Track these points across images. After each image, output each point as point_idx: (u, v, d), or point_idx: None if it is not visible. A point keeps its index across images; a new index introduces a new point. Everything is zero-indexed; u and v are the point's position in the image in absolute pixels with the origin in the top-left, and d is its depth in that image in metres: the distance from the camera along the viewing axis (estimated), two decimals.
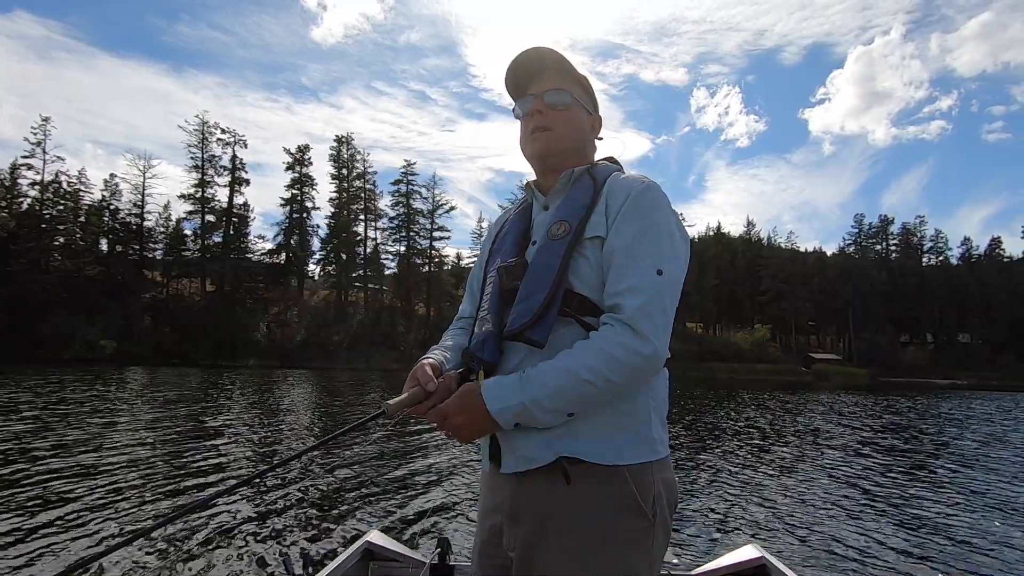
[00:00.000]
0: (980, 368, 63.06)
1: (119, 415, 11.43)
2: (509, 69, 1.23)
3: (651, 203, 1.09)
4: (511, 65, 1.23)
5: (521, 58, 1.21)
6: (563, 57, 1.21)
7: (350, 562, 2.27)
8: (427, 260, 62.96)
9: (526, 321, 1.04)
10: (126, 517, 4.76)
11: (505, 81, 1.25)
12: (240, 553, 4.04)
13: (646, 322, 0.99)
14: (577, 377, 0.97)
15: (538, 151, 1.21)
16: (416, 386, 1.07)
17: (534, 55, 1.21)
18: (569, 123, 1.20)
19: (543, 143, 1.20)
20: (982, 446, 10.94)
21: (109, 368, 32.28)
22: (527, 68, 1.22)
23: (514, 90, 1.26)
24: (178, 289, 55.68)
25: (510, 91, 1.27)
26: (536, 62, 1.22)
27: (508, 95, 1.28)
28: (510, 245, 1.22)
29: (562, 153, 1.21)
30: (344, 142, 61.98)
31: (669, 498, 1.08)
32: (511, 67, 1.23)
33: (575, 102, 1.21)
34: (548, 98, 1.19)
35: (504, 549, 1.11)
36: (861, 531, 5.06)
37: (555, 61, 1.21)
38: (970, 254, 77.46)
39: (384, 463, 7.37)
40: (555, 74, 1.21)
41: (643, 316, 0.99)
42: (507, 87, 1.27)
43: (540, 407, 0.98)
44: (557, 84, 1.20)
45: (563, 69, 1.21)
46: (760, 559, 2.32)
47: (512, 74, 1.24)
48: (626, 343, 0.98)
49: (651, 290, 1.01)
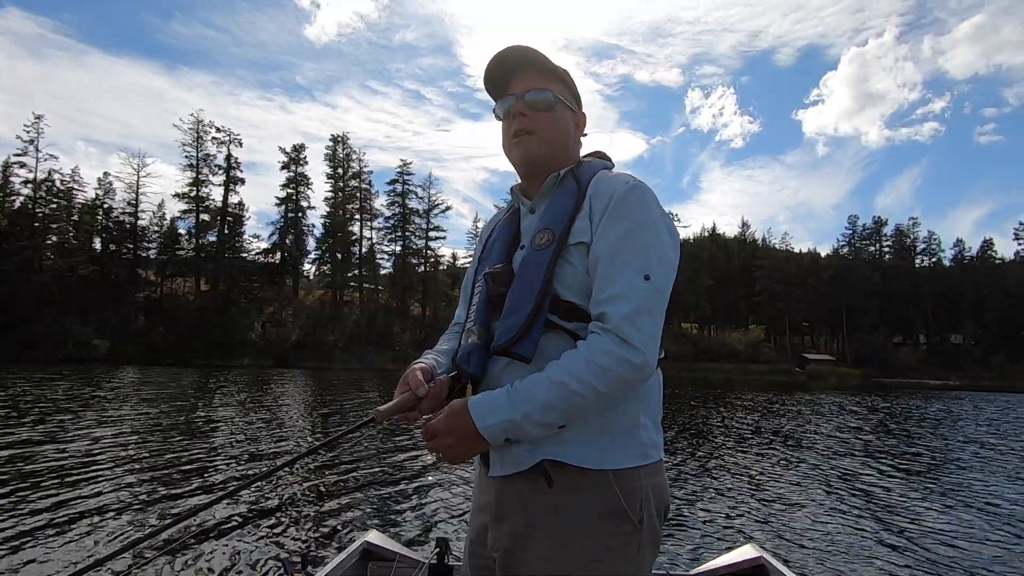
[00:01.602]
0: (972, 369, 63.49)
1: (112, 415, 11.36)
2: (488, 68, 1.20)
3: (635, 204, 1.06)
4: (490, 64, 1.19)
5: (500, 57, 1.18)
6: (542, 54, 1.18)
7: (349, 562, 2.27)
8: (423, 260, 62.84)
9: (512, 336, 1.03)
10: (121, 518, 4.74)
11: (484, 81, 1.22)
12: (239, 553, 4.02)
13: (633, 330, 0.96)
14: (565, 388, 0.95)
15: (522, 156, 1.18)
16: (407, 391, 1.06)
17: (512, 53, 1.18)
18: (552, 124, 1.17)
19: (526, 148, 1.17)
20: (977, 446, 11.01)
21: (103, 368, 32.09)
22: (507, 66, 1.19)
23: (494, 90, 1.23)
24: (172, 288, 55.36)
25: (490, 91, 1.24)
26: (516, 60, 1.18)
27: (488, 95, 1.25)
28: (498, 251, 1.20)
29: (547, 156, 1.17)
30: (340, 141, 61.83)
31: (658, 503, 1.07)
32: (489, 67, 1.19)
33: (557, 100, 1.17)
34: (529, 98, 1.16)
35: (488, 549, 1.11)
36: (858, 531, 5.08)
37: (534, 59, 1.18)
38: (963, 256, 77.96)
39: (383, 463, 7.36)
40: (535, 72, 1.18)
41: (629, 324, 0.97)
42: (487, 87, 1.23)
43: (530, 421, 0.96)
44: (538, 83, 1.17)
45: (543, 67, 1.18)
46: (758, 559, 2.33)
47: (490, 74, 1.20)
48: (612, 352, 0.96)
49: (637, 297, 0.98)
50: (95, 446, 7.82)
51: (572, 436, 1.02)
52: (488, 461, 1.10)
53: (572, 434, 1.02)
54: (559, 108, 1.18)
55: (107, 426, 9.75)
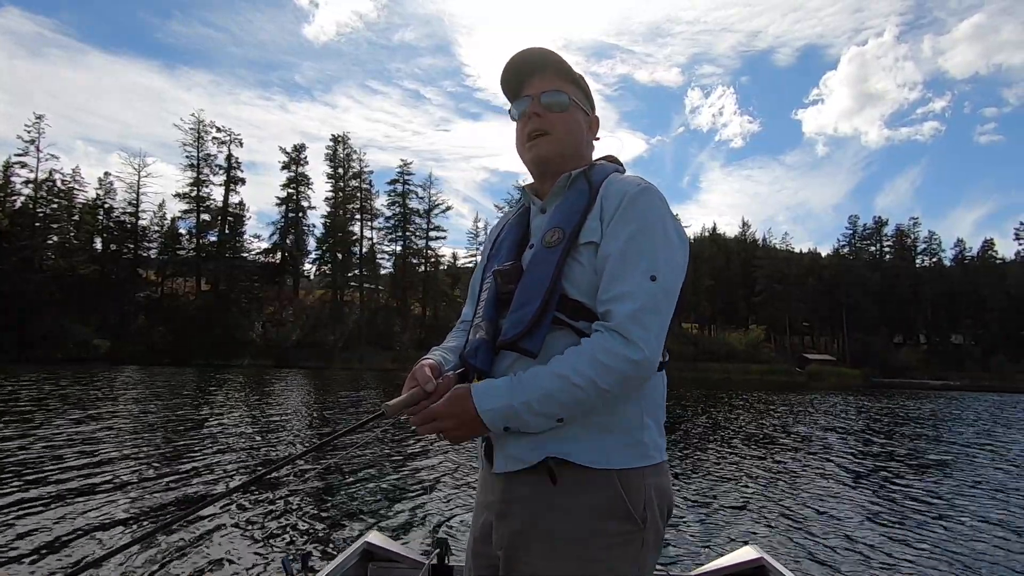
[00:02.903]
0: (972, 369, 63.48)
1: (112, 415, 11.36)
2: (505, 70, 1.21)
3: (646, 206, 1.07)
4: (507, 66, 1.21)
5: (517, 59, 1.20)
6: (559, 57, 1.20)
7: (349, 562, 2.27)
8: (423, 260, 62.83)
9: (520, 331, 1.04)
10: (118, 518, 4.74)
11: (501, 82, 1.24)
12: (239, 554, 4.02)
13: (637, 329, 0.98)
14: (567, 381, 0.97)
15: (537, 156, 1.19)
16: (415, 387, 1.07)
17: (529, 56, 1.20)
18: (567, 125, 1.19)
19: (541, 148, 1.18)
20: (977, 447, 11.01)
21: (103, 367, 32.09)
22: (523, 68, 1.21)
23: (510, 91, 1.24)
24: (173, 288, 55.41)
25: (506, 92, 1.25)
26: (532, 62, 1.20)
27: (504, 96, 1.27)
28: (507, 249, 1.21)
29: (561, 157, 1.19)
30: (340, 141, 61.85)
31: (661, 504, 1.08)
32: (507, 68, 1.21)
33: (572, 103, 1.19)
34: (545, 99, 1.18)
35: (492, 548, 1.11)
36: (859, 531, 5.08)
37: (551, 61, 1.20)
38: (963, 256, 77.93)
39: (384, 464, 7.36)
40: (551, 74, 1.19)
41: (633, 323, 0.98)
42: (503, 88, 1.25)
43: (529, 410, 0.98)
44: (554, 85, 1.18)
45: (560, 69, 1.20)
46: (759, 560, 2.33)
47: (508, 75, 1.22)
48: (615, 350, 0.97)
49: (643, 296, 1.00)
50: (94, 446, 7.82)
51: (576, 435, 1.03)
52: (492, 458, 1.11)
53: (576, 433, 1.03)
54: (573, 110, 1.19)
55: (106, 426, 9.75)
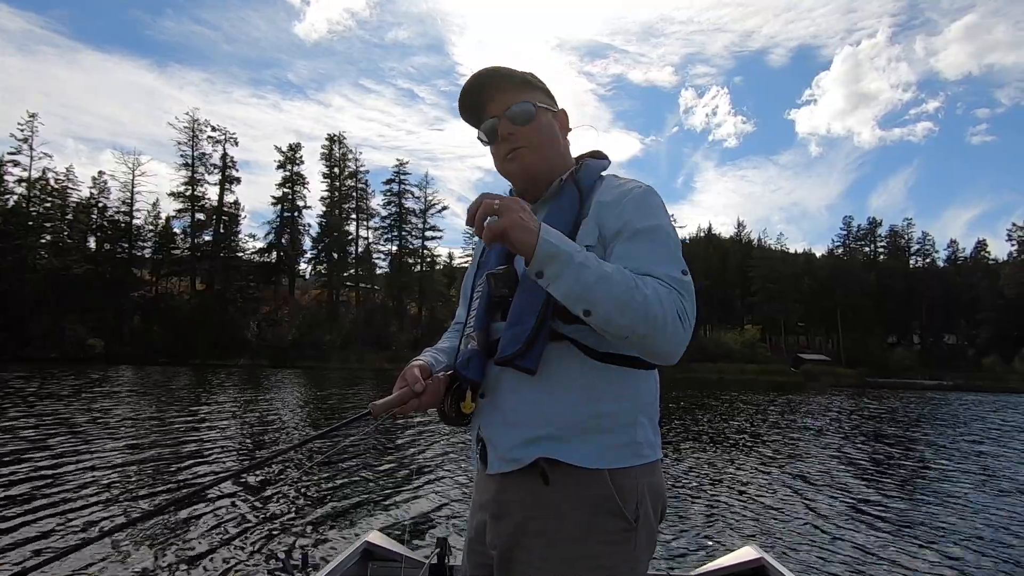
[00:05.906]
0: (966, 369, 63.78)
1: (107, 413, 11.31)
2: (461, 99, 1.20)
3: (657, 207, 1.10)
4: (462, 95, 1.19)
5: (469, 85, 1.18)
6: (507, 68, 1.18)
7: (349, 562, 2.27)
8: (419, 260, 62.73)
9: (517, 349, 1.03)
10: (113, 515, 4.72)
11: (460, 111, 1.21)
12: (239, 553, 4.02)
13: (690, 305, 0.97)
14: (632, 282, 0.93)
15: (520, 169, 1.18)
16: (404, 387, 1.08)
17: (481, 77, 1.17)
18: (540, 133, 1.17)
19: (524, 160, 1.17)
20: (973, 446, 11.08)
21: (98, 367, 31.94)
22: (479, 92, 1.18)
23: (473, 117, 1.22)
24: (168, 288, 55.17)
25: (470, 120, 1.23)
26: (485, 83, 1.18)
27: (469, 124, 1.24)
28: (498, 252, 1.21)
29: (545, 163, 1.18)
30: (336, 141, 61.70)
31: (655, 502, 1.08)
32: (463, 96, 1.19)
33: (537, 108, 1.17)
34: (510, 114, 1.16)
35: (487, 547, 1.12)
36: (858, 531, 5.11)
37: (502, 74, 1.18)
38: (956, 256, 78.41)
39: (384, 463, 7.36)
40: (508, 88, 1.18)
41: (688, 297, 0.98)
42: (465, 116, 1.23)
43: (579, 271, 0.92)
44: (514, 98, 1.17)
45: (513, 80, 1.18)
46: (759, 560, 2.34)
47: (466, 102, 1.20)
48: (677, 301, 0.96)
49: (681, 287, 0.99)
50: (89, 444, 7.78)
51: (569, 435, 1.03)
52: (486, 459, 1.11)
53: (569, 433, 1.03)
54: (540, 114, 1.18)
55: (102, 424, 9.70)
